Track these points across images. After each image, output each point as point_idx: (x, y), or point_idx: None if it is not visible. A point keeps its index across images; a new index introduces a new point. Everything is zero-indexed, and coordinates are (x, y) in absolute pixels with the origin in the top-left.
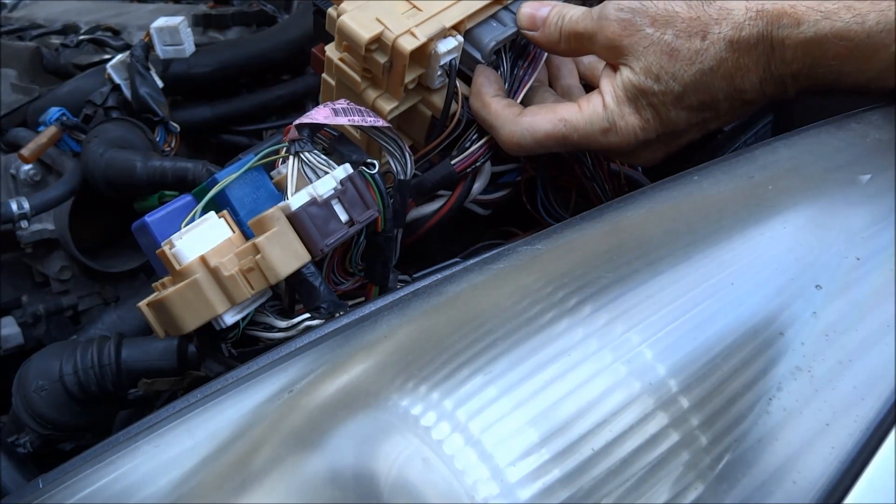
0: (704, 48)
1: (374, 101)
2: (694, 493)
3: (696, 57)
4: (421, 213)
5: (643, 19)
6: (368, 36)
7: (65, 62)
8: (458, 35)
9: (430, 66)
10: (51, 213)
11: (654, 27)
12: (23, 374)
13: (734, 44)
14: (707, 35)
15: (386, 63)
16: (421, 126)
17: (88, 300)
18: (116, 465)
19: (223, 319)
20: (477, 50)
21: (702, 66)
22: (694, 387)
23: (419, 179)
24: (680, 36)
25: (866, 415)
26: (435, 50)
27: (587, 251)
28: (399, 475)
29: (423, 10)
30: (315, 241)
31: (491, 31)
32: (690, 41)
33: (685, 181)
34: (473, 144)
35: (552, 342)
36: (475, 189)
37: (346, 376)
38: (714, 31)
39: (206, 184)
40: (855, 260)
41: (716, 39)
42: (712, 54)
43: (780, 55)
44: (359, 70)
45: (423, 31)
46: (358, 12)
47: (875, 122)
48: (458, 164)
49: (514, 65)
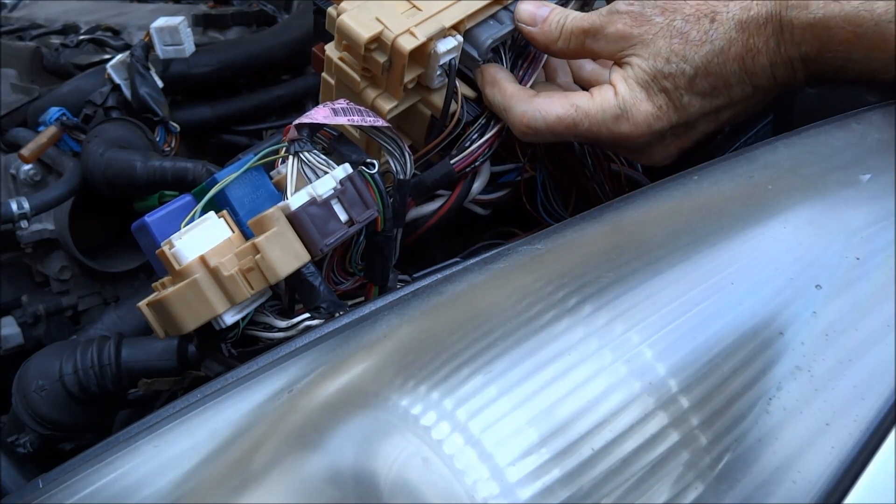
0: (714, 29)
1: (374, 100)
2: (694, 492)
3: (706, 38)
4: (420, 213)
5: (653, 10)
6: (368, 35)
7: (65, 62)
8: (458, 35)
9: (430, 65)
10: (51, 213)
11: (663, 16)
12: (23, 374)
13: (743, 23)
14: (716, 17)
15: (385, 62)
16: (420, 125)
17: (88, 300)
18: (116, 465)
19: (223, 319)
20: (474, 48)
21: (712, 47)
22: (694, 386)
23: (418, 178)
24: (689, 20)
25: (866, 415)
26: (434, 50)
27: (587, 251)
28: (399, 475)
29: (422, 10)
30: (315, 240)
31: (488, 29)
32: (700, 23)
33: (685, 181)
34: (473, 144)
35: (552, 342)
36: (475, 188)
37: (346, 376)
38: (722, 13)
39: (206, 184)
40: (855, 260)
41: (724, 20)
42: (721, 34)
43: (789, 36)
44: (358, 69)
45: (423, 31)
46: (358, 11)
47: (875, 122)
48: (457, 164)
49: (514, 65)
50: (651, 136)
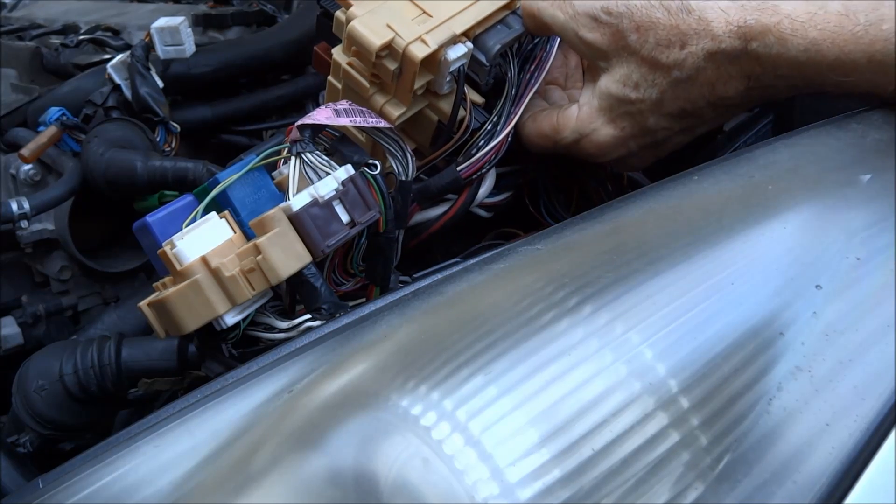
0: (682, 58)
1: (383, 106)
2: (694, 493)
3: (675, 66)
4: (425, 217)
5: (629, 25)
6: (380, 43)
7: (65, 62)
8: (468, 41)
9: (440, 72)
10: (51, 213)
11: (637, 34)
12: (23, 374)
13: (714, 55)
14: (686, 45)
15: (396, 70)
16: (426, 130)
17: (88, 300)
18: (116, 465)
19: (224, 320)
20: (483, 53)
21: (679, 75)
22: (694, 387)
23: (424, 184)
24: (660, 44)
25: (866, 415)
26: (445, 57)
27: (587, 251)
28: (399, 475)
29: (433, 16)
30: (316, 242)
31: (496, 34)
32: (669, 50)
33: (685, 181)
34: (480, 151)
35: (552, 342)
36: (480, 194)
37: (346, 376)
38: (692, 43)
39: (208, 184)
40: (855, 260)
41: (694, 51)
42: (690, 64)
43: (771, 69)
44: (367, 75)
45: (434, 39)
46: (369, 17)
47: (875, 122)
48: (464, 171)
49: (521, 68)
50: (617, 153)
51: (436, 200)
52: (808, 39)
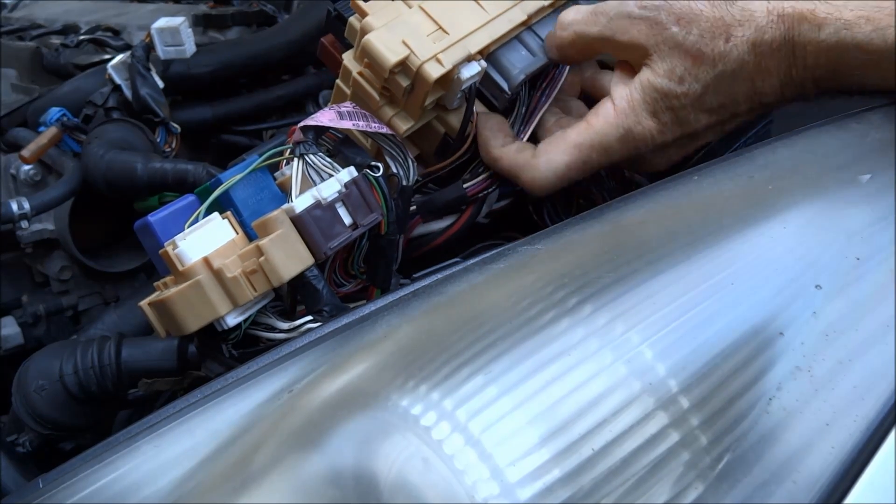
0: (727, 51)
1: (391, 119)
2: (694, 492)
3: (720, 59)
4: (428, 230)
5: (669, 17)
6: (395, 60)
7: (65, 62)
8: (482, 60)
9: (451, 89)
10: (51, 213)
11: (679, 26)
12: (23, 374)
13: (757, 46)
14: (730, 37)
15: (408, 86)
16: (432, 140)
17: (88, 300)
18: (116, 465)
19: (225, 321)
20: (504, 79)
21: (724, 69)
22: (694, 387)
23: (430, 198)
24: (704, 36)
25: (866, 415)
26: (458, 76)
27: (587, 251)
28: (399, 475)
29: (449, 33)
30: (319, 244)
31: (520, 59)
32: (714, 42)
33: (685, 181)
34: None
35: (552, 342)
36: (484, 210)
37: (346, 376)
38: (737, 34)
39: (210, 184)
40: (855, 260)
41: (739, 42)
42: (735, 57)
43: (801, 60)
44: (378, 87)
45: (449, 58)
46: (384, 32)
47: (875, 122)
48: (470, 188)
49: (533, 85)
50: (655, 148)
51: (439, 214)
52: (842, 21)
